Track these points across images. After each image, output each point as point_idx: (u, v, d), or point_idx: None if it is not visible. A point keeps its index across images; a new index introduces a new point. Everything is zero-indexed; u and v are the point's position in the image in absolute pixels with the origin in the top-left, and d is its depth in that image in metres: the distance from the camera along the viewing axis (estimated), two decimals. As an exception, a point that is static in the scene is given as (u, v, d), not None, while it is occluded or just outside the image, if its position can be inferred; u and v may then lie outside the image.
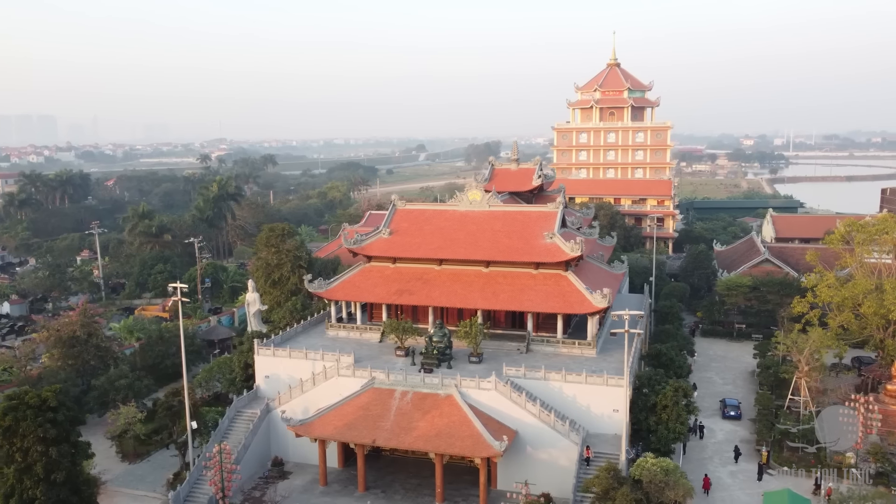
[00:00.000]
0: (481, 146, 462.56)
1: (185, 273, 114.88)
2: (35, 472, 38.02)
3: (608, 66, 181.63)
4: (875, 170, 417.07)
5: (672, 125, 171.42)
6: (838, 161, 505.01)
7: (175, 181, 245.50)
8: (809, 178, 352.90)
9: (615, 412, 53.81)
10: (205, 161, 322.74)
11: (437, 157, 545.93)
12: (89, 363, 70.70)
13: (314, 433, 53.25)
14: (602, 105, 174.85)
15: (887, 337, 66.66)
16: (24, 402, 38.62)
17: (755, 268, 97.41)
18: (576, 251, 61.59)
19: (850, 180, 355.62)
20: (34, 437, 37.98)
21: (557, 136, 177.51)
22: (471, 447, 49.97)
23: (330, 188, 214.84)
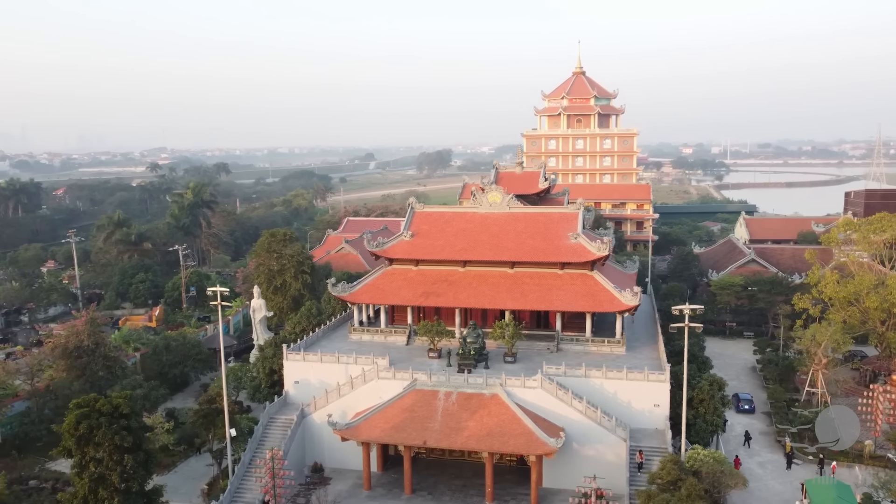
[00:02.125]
0: (433, 154, 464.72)
1: (167, 282, 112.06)
2: (110, 481, 36.63)
3: (574, 75, 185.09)
4: (810, 176, 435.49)
5: (638, 132, 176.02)
6: (774, 168, 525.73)
7: (130, 190, 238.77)
8: (752, 185, 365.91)
9: (656, 407, 55.04)
10: (155, 170, 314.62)
11: (388, 166, 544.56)
12: (97, 374, 68.27)
13: (361, 436, 52.74)
14: (569, 112, 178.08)
15: (888, 330, 69.88)
16: (96, 410, 37.19)
17: (742, 268, 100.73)
18: (603, 251, 62.79)
19: (790, 186, 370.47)
20: (110, 446, 36.60)
21: (527, 143, 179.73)
22: (524, 445, 50.34)
23: (294, 196, 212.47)
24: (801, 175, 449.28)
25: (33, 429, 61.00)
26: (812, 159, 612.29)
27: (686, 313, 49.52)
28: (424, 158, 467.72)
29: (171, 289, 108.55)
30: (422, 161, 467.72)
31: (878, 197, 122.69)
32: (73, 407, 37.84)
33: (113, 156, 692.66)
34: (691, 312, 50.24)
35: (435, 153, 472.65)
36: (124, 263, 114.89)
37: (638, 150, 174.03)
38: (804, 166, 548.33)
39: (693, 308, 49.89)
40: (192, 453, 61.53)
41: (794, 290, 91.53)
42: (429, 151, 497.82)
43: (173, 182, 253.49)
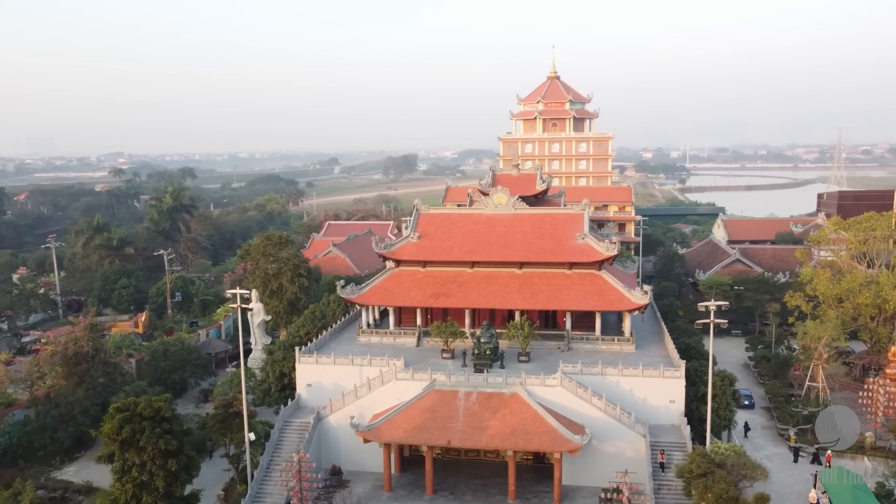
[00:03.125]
0: (399, 159, 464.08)
1: (151, 287, 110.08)
2: (154, 486, 35.98)
3: (548, 79, 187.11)
4: (768, 179, 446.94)
5: (613, 136, 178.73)
6: (733, 172, 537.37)
7: (95, 195, 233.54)
8: (715, 188, 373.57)
9: (672, 403, 56.03)
10: (118, 175, 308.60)
11: (353, 171, 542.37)
12: (98, 380, 66.83)
13: (384, 437, 52.62)
14: (545, 116, 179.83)
15: (879, 325, 72.21)
16: (138, 414, 36.50)
17: (727, 268, 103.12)
18: (611, 251, 63.75)
19: (750, 189, 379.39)
20: (154, 450, 35.94)
21: (503, 147, 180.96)
22: (549, 443, 50.81)
23: (268, 200, 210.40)
24: (759, 178, 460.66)
25: (37, 437, 59.39)
26: (768, 163, 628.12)
27: (712, 310, 50.54)
28: (391, 163, 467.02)
29: (155, 294, 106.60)
30: (388, 165, 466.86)
31: (850, 198, 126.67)
32: (114, 411, 37.07)
33: (69, 161, 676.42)
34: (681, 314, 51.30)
35: (401, 157, 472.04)
36: (105, 269, 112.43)
37: (613, 153, 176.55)
38: (761, 170, 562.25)
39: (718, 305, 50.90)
40: (202, 459, 60.51)
41: (780, 288, 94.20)
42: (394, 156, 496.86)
43: (140, 187, 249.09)
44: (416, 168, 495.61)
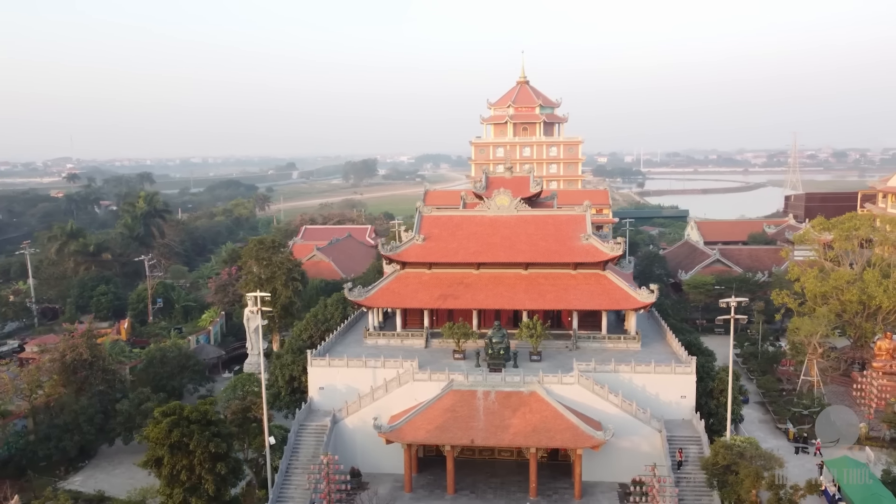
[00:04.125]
0: (359, 164, 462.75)
1: (129, 293, 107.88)
2: (204, 490, 35.57)
3: (518, 84, 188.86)
4: (721, 183, 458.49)
5: (583, 140, 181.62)
6: (686, 176, 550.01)
7: (52, 201, 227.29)
8: (672, 191, 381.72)
9: (683, 398, 57.50)
10: (72, 180, 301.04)
11: (311, 175, 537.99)
12: (97, 387, 65.37)
13: (406, 438, 52.79)
14: (516, 120, 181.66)
15: (864, 321, 75.10)
16: (185, 417, 36.02)
17: (707, 268, 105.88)
18: (616, 251, 65.12)
19: (706, 193, 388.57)
20: (204, 454, 35.50)
21: (475, 151, 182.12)
22: (571, 439, 51.66)
23: (235, 205, 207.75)
24: (712, 182, 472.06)
25: (41, 447, 57.83)
26: (719, 167, 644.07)
27: (732, 306, 52.12)
28: (351, 168, 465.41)
29: (135, 301, 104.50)
30: (348, 170, 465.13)
31: (817, 200, 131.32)
32: (160, 415, 36.49)
33: (13, 166, 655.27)
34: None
35: (361, 162, 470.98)
36: (82, 276, 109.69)
37: (583, 157, 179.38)
38: (713, 173, 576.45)
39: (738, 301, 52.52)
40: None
41: (761, 287, 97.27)
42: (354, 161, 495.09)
43: (99, 193, 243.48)
44: (376, 173, 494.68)
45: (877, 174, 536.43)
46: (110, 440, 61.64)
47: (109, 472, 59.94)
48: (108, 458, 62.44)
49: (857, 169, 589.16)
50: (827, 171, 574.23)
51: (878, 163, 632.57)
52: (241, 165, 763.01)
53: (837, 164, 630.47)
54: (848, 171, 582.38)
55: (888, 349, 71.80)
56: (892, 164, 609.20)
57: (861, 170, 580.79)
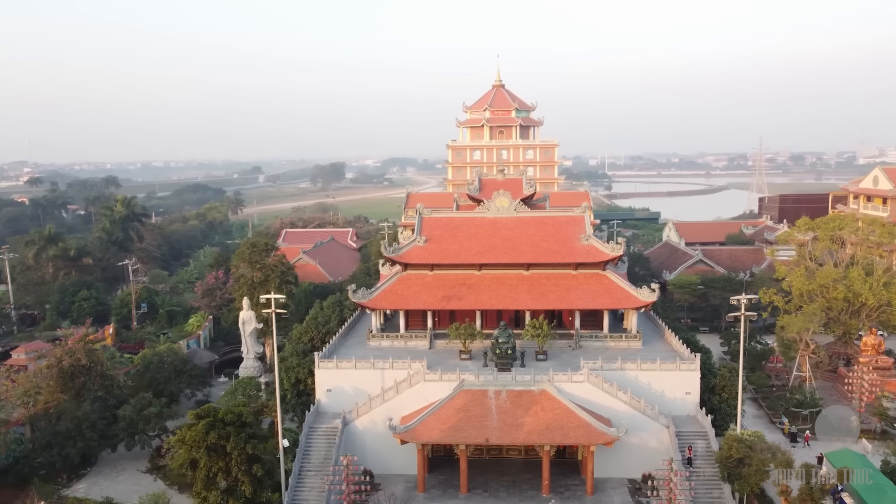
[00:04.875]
0: (327, 167, 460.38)
1: (110, 298, 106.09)
2: (241, 492, 35.39)
3: (494, 88, 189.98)
4: (685, 186, 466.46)
5: (558, 143, 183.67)
6: (651, 179, 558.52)
7: (17, 206, 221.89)
8: (639, 194, 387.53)
9: (687, 394, 58.79)
10: (35, 184, 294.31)
11: (278, 179, 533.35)
12: (96, 393, 64.30)
13: (421, 438, 53.05)
14: (492, 124, 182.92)
15: (849, 318, 77.44)
16: (221, 420, 35.82)
17: (691, 268, 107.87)
18: (617, 251, 66.32)
19: (672, 195, 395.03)
20: (241, 456, 35.33)
21: (452, 154, 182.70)
22: (584, 436, 52.48)
23: (209, 209, 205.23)
24: (676, 185, 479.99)
25: (44, 454, 56.68)
26: (681, 170, 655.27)
27: (743, 303, 53.49)
28: (319, 171, 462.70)
29: (119, 306, 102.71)
30: (316, 174, 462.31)
31: (790, 201, 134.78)
32: (194, 418, 36.20)
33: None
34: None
35: (329, 166, 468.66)
36: (62, 281, 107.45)
37: (559, 160, 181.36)
38: (676, 176, 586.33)
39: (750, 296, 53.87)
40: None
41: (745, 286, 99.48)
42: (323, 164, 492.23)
43: (66, 197, 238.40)
44: (344, 176, 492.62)
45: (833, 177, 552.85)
46: (113, 446, 60.71)
47: (113, 478, 59.02)
48: (110, 465, 61.45)
49: (814, 172, 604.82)
50: (785, 174, 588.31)
51: (833, 166, 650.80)
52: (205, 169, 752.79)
53: (795, 167, 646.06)
54: (805, 173, 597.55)
55: (873, 344, 74.27)
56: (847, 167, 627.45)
57: (818, 173, 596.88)
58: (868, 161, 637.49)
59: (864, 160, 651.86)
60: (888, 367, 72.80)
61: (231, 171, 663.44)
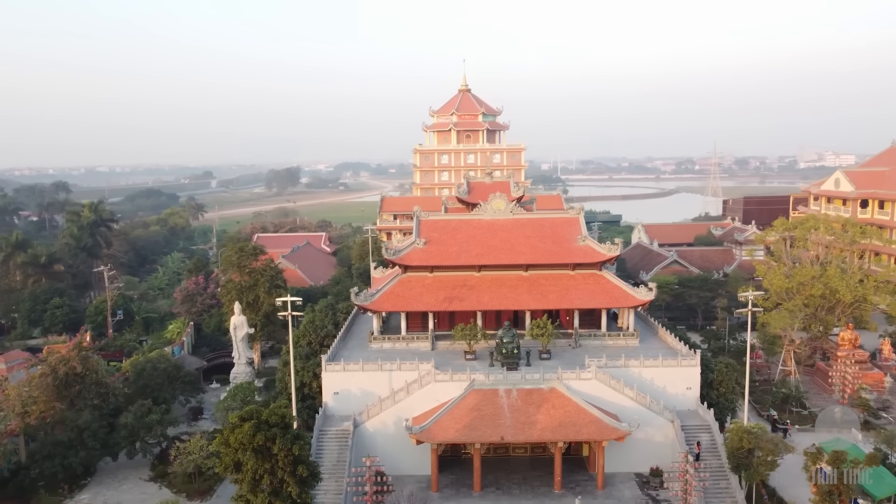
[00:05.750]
0: (282, 172, 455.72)
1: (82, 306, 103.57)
2: (286, 493, 35.29)
3: (460, 92, 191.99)
4: (638, 189, 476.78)
5: (525, 147, 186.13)
6: (603, 183, 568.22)
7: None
8: (595, 198, 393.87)
9: (688, 390, 60.55)
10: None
11: (231, 184, 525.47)
12: (92, 402, 62.91)
13: (436, 438, 53.48)
14: (459, 128, 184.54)
15: (827, 314, 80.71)
16: (265, 422, 35.68)
17: (666, 268, 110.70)
18: (613, 252, 67.97)
19: (626, 199, 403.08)
20: (287, 458, 35.24)
21: (420, 158, 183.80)
22: (597, 432, 53.65)
23: (170, 215, 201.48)
24: (629, 189, 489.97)
25: (46, 465, 55.18)
26: (632, 174, 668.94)
27: (751, 299, 55.40)
28: (274, 176, 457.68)
29: (93, 313, 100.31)
30: (271, 178, 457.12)
31: (754, 203, 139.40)
32: (238, 420, 35.94)
33: None
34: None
35: (284, 171, 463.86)
36: (32, 289, 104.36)
37: (525, 164, 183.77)
38: (627, 181, 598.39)
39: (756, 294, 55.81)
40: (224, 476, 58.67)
41: (719, 285, 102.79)
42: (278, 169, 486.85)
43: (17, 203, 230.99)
44: (299, 181, 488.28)
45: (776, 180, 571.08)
46: (114, 455, 59.48)
47: (116, 488, 57.80)
48: (111, 474, 60.15)
49: (758, 175, 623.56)
50: (731, 177, 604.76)
51: (776, 170, 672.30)
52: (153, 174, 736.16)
53: (740, 171, 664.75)
54: (749, 177, 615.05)
55: (850, 339, 77.66)
56: (788, 171, 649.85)
57: (762, 176, 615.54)
58: (808, 165, 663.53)
59: (805, 164, 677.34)
60: (865, 361, 76.23)
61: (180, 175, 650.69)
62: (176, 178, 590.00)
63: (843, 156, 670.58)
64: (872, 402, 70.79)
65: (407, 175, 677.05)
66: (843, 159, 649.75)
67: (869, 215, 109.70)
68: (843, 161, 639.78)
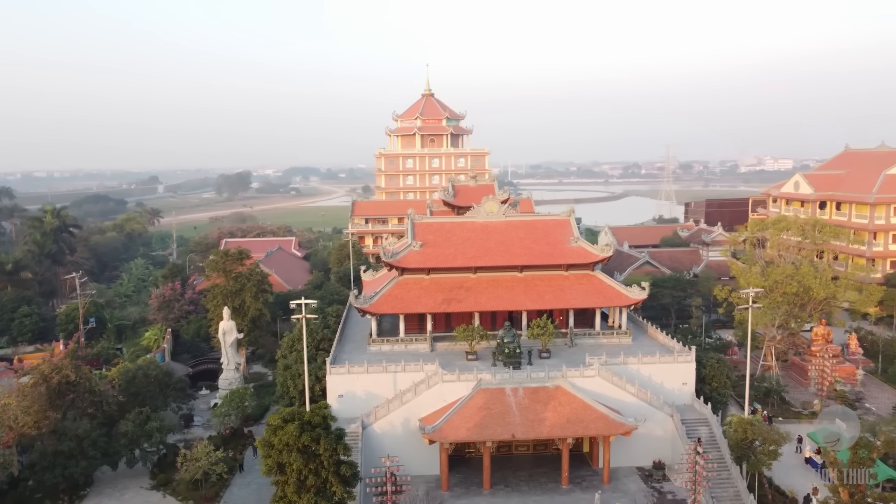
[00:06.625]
0: (233, 177, 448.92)
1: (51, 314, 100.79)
2: (332, 493, 35.43)
3: (423, 97, 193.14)
4: (588, 193, 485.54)
5: (489, 151, 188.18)
6: (553, 187, 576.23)
7: None
8: (548, 201, 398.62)
9: (684, 385, 62.58)
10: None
11: (179, 189, 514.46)
12: (86, 410, 61.46)
13: (448, 438, 54.07)
14: (423, 132, 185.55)
15: (800, 311, 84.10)
16: (307, 422, 35.74)
17: (638, 269, 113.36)
18: (606, 252, 69.68)
19: (579, 202, 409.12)
20: (331, 458, 35.36)
21: (385, 162, 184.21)
22: (604, 427, 55.05)
23: (126, 220, 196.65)
24: (579, 192, 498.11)
25: (47, 475, 53.74)
26: (580, 178, 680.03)
27: (751, 296, 57.50)
28: (224, 181, 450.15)
29: (64, 321, 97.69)
30: (221, 183, 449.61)
31: (715, 205, 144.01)
32: (281, 421, 35.88)
33: None
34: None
35: (235, 175, 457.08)
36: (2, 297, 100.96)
37: (489, 168, 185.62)
38: (576, 184, 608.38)
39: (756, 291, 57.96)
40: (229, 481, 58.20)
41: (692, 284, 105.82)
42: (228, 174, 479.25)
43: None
44: (250, 186, 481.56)
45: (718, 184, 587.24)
46: (114, 464, 58.24)
47: (118, 497, 56.62)
48: (109, 484, 58.84)
49: (702, 179, 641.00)
50: (676, 181, 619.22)
51: (718, 174, 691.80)
52: (94, 179, 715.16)
53: (684, 174, 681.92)
54: (694, 181, 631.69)
55: (823, 334, 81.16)
56: (730, 175, 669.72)
57: (705, 180, 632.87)
58: (749, 169, 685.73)
59: (745, 168, 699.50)
60: (838, 355, 79.72)
61: (123, 181, 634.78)
62: (119, 184, 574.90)
63: (781, 160, 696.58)
64: (847, 393, 74.13)
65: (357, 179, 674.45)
66: (782, 163, 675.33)
67: (827, 216, 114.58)
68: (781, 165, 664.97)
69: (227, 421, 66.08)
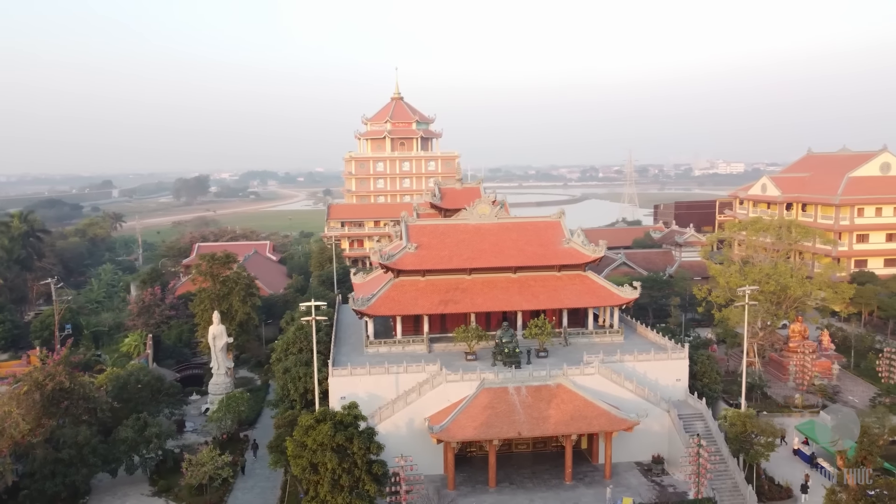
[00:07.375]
0: (191, 181, 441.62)
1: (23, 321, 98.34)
2: (365, 492, 35.74)
3: (393, 100, 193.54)
4: (549, 196, 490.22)
5: (459, 154, 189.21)
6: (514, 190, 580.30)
7: None
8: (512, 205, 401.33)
9: (678, 381, 64.31)
10: None
11: (134, 194, 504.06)
12: (81, 418, 60.38)
13: (456, 437, 54.67)
14: (394, 136, 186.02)
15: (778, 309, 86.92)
16: (339, 421, 36.00)
17: (615, 270, 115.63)
18: (598, 253, 71.13)
19: (540, 205, 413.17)
20: (364, 457, 35.68)
21: (355, 165, 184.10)
22: (607, 423, 56.33)
23: (89, 225, 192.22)
24: (540, 195, 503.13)
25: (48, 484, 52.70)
26: (539, 182, 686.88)
27: (748, 293, 59.34)
28: (182, 185, 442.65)
29: (39, 328, 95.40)
30: (179, 187, 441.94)
31: (684, 208, 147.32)
32: (313, 422, 36.01)
33: None
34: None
35: (193, 179, 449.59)
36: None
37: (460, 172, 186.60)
38: (536, 188, 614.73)
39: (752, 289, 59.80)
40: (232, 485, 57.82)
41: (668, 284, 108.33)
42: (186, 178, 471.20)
43: None
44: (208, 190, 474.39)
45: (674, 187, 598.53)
46: (113, 471, 57.39)
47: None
48: (108, 491, 57.97)
49: (658, 182, 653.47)
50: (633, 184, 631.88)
51: (673, 177, 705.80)
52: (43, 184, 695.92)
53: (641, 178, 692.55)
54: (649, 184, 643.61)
55: (800, 331, 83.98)
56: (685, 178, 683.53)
57: (661, 183, 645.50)
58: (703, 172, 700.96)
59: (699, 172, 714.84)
60: (814, 351, 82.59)
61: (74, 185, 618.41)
62: (70, 188, 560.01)
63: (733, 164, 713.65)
64: (826, 387, 76.91)
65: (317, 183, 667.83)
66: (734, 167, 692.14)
67: (793, 217, 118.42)
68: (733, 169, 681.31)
69: (224, 425, 65.59)
